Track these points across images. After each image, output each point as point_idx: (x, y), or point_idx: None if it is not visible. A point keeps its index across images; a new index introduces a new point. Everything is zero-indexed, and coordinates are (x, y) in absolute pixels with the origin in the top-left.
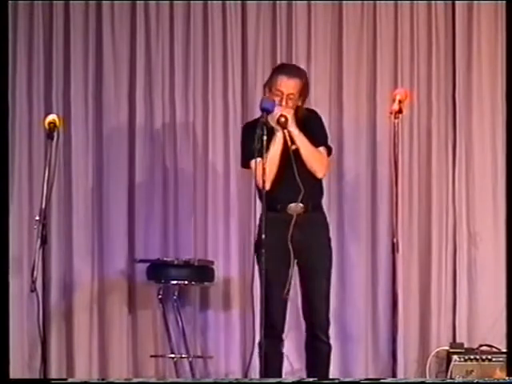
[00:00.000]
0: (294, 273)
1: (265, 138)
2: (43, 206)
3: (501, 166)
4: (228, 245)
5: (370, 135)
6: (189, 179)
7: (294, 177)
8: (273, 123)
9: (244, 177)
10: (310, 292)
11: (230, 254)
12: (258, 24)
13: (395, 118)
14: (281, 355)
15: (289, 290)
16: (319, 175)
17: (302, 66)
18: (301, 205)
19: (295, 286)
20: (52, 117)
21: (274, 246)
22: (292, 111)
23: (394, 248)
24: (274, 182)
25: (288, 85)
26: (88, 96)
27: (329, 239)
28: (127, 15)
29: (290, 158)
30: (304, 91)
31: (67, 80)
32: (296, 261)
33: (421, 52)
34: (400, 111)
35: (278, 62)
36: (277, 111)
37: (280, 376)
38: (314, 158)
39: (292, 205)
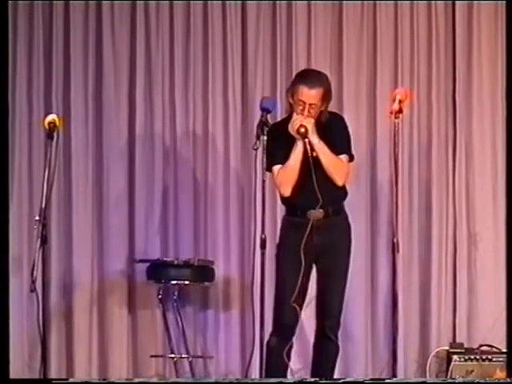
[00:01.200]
0: (312, 275)
1: (265, 138)
2: (43, 205)
3: (501, 166)
4: (228, 245)
5: (370, 135)
6: (189, 179)
7: (320, 183)
8: (292, 132)
9: (244, 177)
10: (326, 294)
11: (230, 254)
12: (258, 24)
13: (395, 117)
14: (287, 356)
15: (296, 297)
16: (339, 183)
17: (302, 66)
18: (320, 210)
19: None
20: (52, 117)
21: (292, 248)
22: (313, 120)
23: (394, 248)
24: (295, 189)
25: (309, 95)
26: (88, 96)
27: (349, 242)
28: (127, 15)
29: (310, 165)
30: (326, 97)
31: (67, 80)
32: (314, 264)
33: (421, 52)
34: (400, 111)
35: (278, 62)
36: (294, 118)
37: (284, 374)
38: (333, 166)
39: (312, 211)
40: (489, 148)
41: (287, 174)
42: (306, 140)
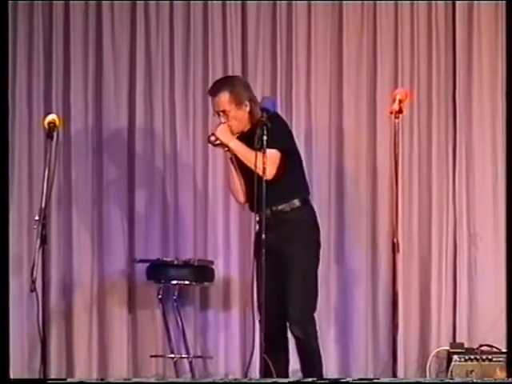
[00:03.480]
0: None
1: (265, 138)
2: (43, 205)
3: (501, 166)
4: (228, 245)
5: (370, 135)
6: (189, 179)
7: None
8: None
9: None
10: (283, 290)
11: (230, 254)
12: (258, 24)
13: (395, 117)
14: (286, 350)
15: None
16: (266, 177)
17: (302, 66)
18: (267, 210)
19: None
20: (52, 117)
21: (258, 250)
22: (225, 126)
23: (394, 248)
24: (246, 194)
25: (214, 103)
26: (88, 96)
27: (308, 235)
28: (127, 15)
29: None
30: (237, 99)
31: (67, 80)
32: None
33: (421, 52)
34: (400, 111)
35: (278, 62)
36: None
37: (287, 370)
38: (250, 161)
39: (266, 211)
40: (489, 148)
41: (231, 182)
42: (221, 146)
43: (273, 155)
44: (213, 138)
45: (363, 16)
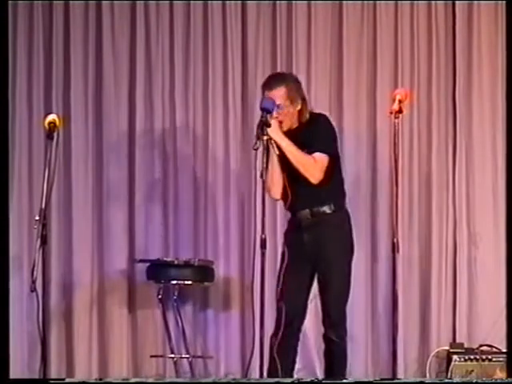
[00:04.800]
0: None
1: (265, 138)
2: (43, 205)
3: (501, 165)
4: (228, 245)
5: (370, 135)
6: (189, 179)
7: (306, 184)
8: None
9: (244, 177)
10: (323, 293)
11: (230, 254)
12: (258, 24)
13: (395, 117)
14: (295, 351)
15: (298, 295)
16: (312, 181)
17: (302, 66)
18: (307, 210)
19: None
20: (52, 117)
21: (291, 248)
22: (276, 122)
23: (394, 248)
24: (284, 191)
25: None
26: (88, 96)
27: (345, 239)
28: (127, 15)
29: (289, 167)
30: (292, 95)
31: (67, 80)
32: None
33: (421, 52)
34: (400, 111)
35: (278, 62)
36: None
37: (293, 370)
38: (302, 165)
39: (302, 212)
40: (489, 148)
41: (270, 177)
42: (268, 138)
43: (322, 160)
44: (265, 138)
45: (363, 16)
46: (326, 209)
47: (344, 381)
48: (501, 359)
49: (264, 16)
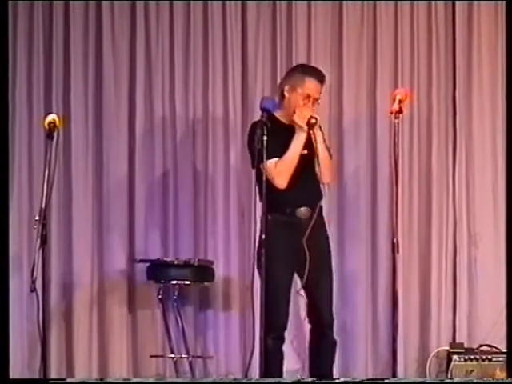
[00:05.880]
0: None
1: (265, 138)
2: (43, 205)
3: (501, 165)
4: (228, 245)
5: (370, 135)
6: (189, 179)
7: (307, 181)
8: (299, 122)
9: (244, 177)
10: (318, 291)
11: (230, 254)
12: (258, 24)
13: (395, 117)
14: (281, 354)
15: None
16: (326, 180)
17: None
18: (308, 209)
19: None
20: (52, 117)
21: (280, 248)
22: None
23: (394, 248)
24: (289, 184)
25: (318, 90)
26: (88, 96)
27: (328, 240)
28: (127, 15)
29: (307, 161)
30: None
31: (67, 80)
32: (305, 263)
33: (421, 52)
34: (400, 111)
35: (278, 62)
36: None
37: (281, 373)
38: (326, 162)
39: (302, 209)
40: (489, 148)
41: (287, 164)
42: (311, 133)
43: (331, 161)
44: (313, 121)
45: (363, 16)
46: (320, 209)
47: (346, 380)
48: (501, 359)
49: (264, 16)
